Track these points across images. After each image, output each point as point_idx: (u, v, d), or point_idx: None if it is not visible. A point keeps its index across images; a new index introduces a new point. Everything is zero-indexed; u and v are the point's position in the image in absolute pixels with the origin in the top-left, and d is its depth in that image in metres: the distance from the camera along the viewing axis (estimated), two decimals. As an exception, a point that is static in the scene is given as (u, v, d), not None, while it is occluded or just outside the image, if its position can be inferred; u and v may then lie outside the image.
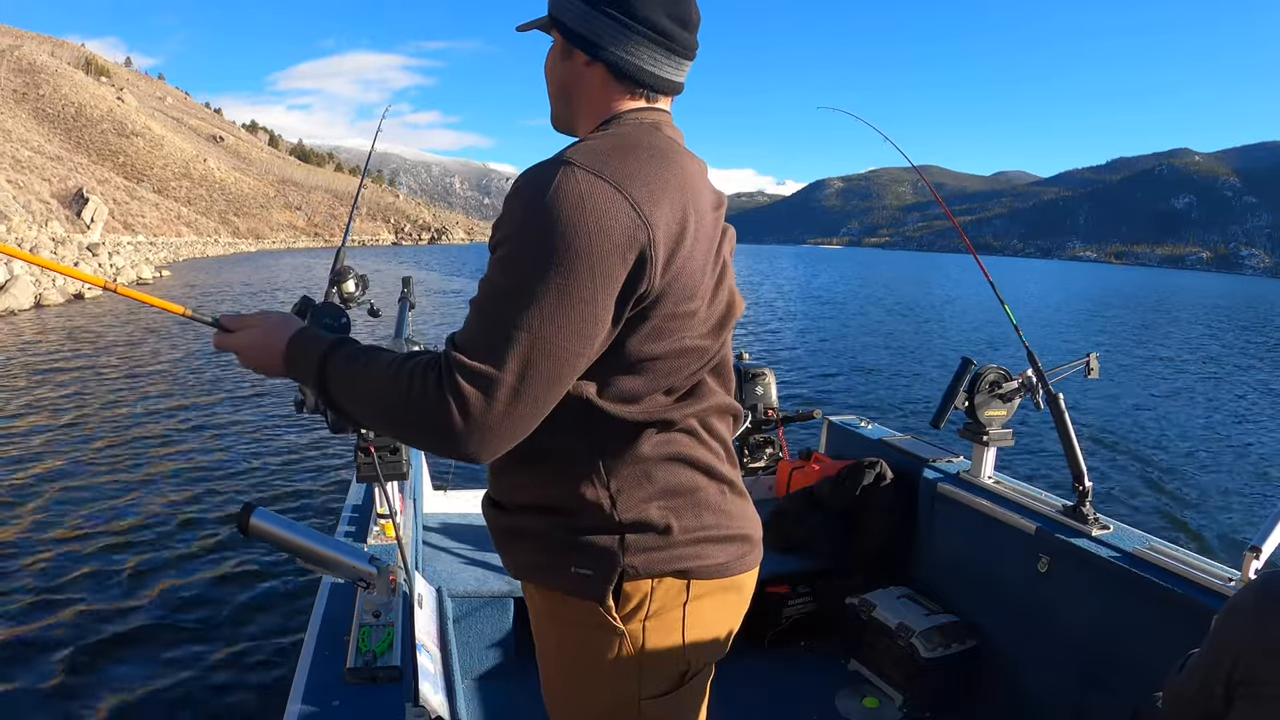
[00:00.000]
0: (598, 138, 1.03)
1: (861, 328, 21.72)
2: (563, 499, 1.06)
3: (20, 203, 39.63)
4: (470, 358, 0.89)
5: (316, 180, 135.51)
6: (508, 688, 2.48)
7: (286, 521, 1.38)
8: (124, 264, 30.22)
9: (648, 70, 1.08)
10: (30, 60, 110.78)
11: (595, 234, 0.89)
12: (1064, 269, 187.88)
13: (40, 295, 18.48)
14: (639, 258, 0.92)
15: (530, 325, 0.88)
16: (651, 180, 0.96)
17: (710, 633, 1.13)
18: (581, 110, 1.12)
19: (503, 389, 0.89)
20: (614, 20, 1.04)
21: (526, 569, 1.14)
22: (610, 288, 0.92)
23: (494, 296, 0.92)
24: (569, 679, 1.15)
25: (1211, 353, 20.66)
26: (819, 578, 2.84)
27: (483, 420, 0.89)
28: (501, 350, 0.89)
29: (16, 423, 7.61)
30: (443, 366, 0.91)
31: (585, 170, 0.92)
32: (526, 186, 0.93)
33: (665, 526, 1.06)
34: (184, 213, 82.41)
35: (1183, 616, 1.93)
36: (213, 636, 3.81)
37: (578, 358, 0.92)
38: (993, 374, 2.60)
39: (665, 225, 0.95)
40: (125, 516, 5.31)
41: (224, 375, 10.49)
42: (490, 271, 0.93)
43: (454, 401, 0.89)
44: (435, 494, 3.16)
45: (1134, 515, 6.46)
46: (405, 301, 2.15)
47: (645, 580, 1.06)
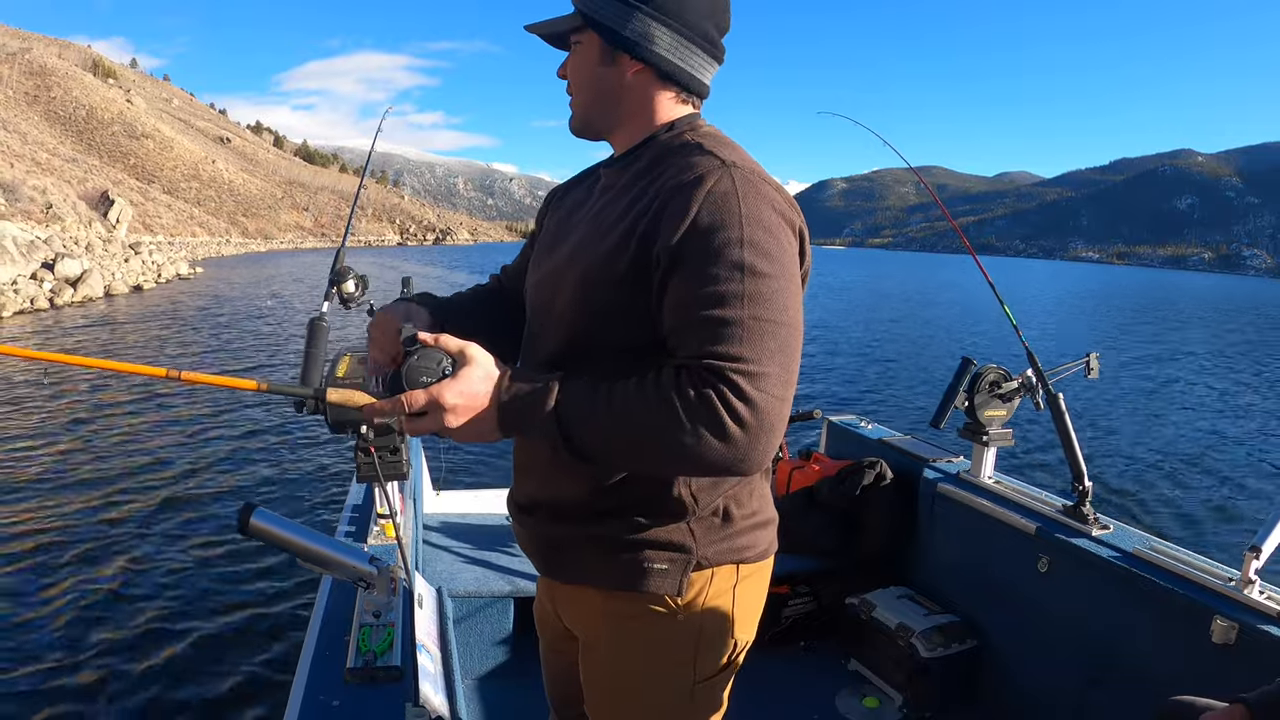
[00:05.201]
0: (715, 138, 1.06)
1: (861, 328, 21.70)
2: (647, 499, 1.06)
3: (70, 205, 40.62)
4: (733, 360, 0.87)
5: (323, 181, 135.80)
6: (508, 688, 2.48)
7: (286, 521, 1.38)
8: (163, 261, 32.48)
9: (697, 77, 1.10)
10: (41, 63, 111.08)
11: (780, 223, 0.96)
12: (1066, 270, 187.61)
13: (109, 286, 22.69)
14: (800, 236, 1.01)
15: (774, 311, 0.91)
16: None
17: (753, 613, 1.18)
18: (626, 116, 1.11)
19: (773, 381, 0.88)
20: (669, 26, 1.05)
21: (593, 573, 1.13)
22: (796, 266, 0.99)
23: (728, 292, 0.90)
24: (626, 674, 1.15)
25: (1212, 353, 20.62)
26: (819, 578, 2.84)
27: (765, 418, 0.87)
28: (759, 343, 0.89)
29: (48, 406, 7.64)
30: (699, 376, 0.88)
31: (748, 168, 0.98)
32: (711, 191, 0.95)
33: (728, 515, 1.10)
34: (196, 213, 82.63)
35: (1183, 616, 1.93)
36: (213, 636, 3.82)
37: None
38: (993, 374, 2.60)
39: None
40: (125, 515, 5.32)
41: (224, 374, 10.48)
42: (701, 275, 0.91)
43: (737, 405, 0.86)
44: (435, 494, 3.17)
45: (1134, 515, 6.45)
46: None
47: (709, 569, 1.10)
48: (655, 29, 1.04)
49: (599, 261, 1.02)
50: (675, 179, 0.98)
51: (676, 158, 1.03)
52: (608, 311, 1.02)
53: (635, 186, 1.05)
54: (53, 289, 19.88)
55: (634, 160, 1.10)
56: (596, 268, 1.02)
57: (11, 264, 19.98)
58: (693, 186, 0.95)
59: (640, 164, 1.08)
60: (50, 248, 23.71)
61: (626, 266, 0.99)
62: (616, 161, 1.14)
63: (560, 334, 1.08)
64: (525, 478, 1.20)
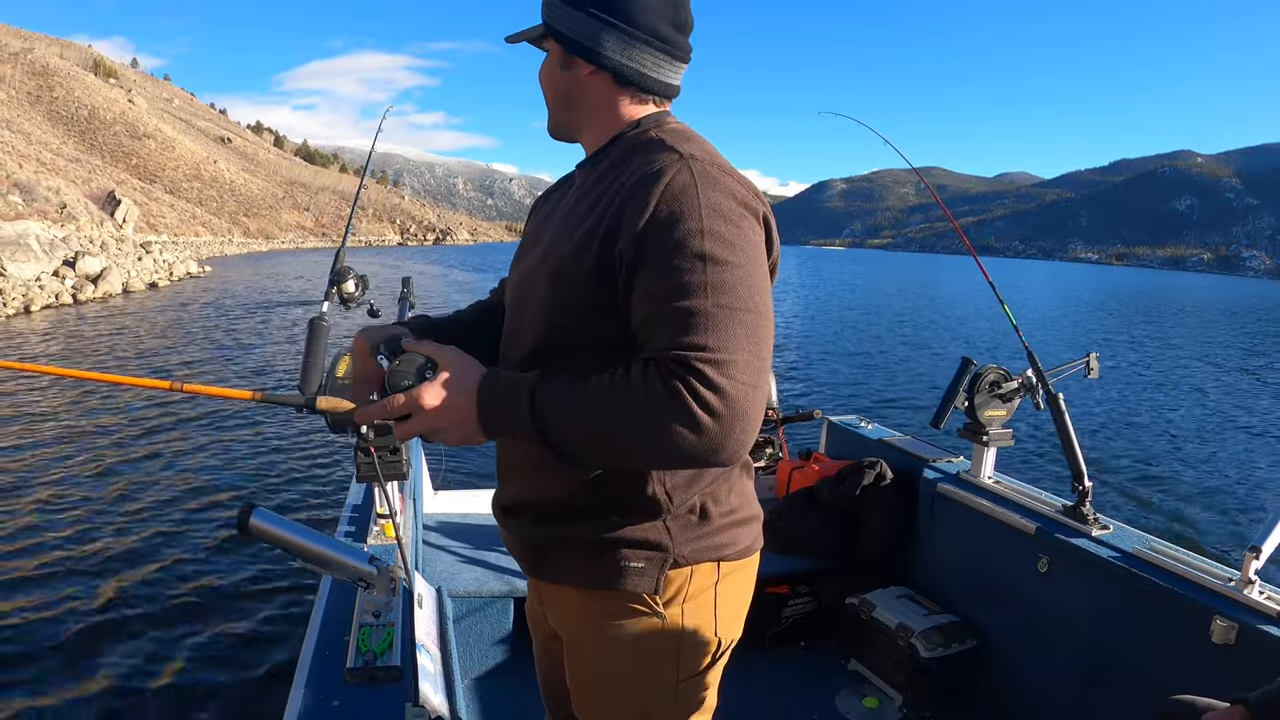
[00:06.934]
0: (678, 133, 1.07)
1: (861, 327, 21.70)
2: (623, 498, 1.07)
3: (83, 205, 41.17)
4: (699, 349, 0.87)
5: (323, 181, 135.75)
6: (508, 687, 2.48)
7: (286, 521, 1.38)
8: (173, 259, 33.41)
9: (652, 76, 1.11)
10: (43, 63, 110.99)
11: (741, 212, 0.97)
12: (1065, 270, 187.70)
13: (127, 283, 23.33)
14: (765, 224, 1.02)
15: (738, 299, 0.91)
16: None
17: (737, 610, 1.18)
18: (586, 118, 1.14)
19: (742, 368, 0.88)
20: (615, 29, 1.06)
21: (574, 572, 1.13)
22: (762, 253, 1.00)
23: (691, 284, 0.90)
24: (609, 675, 1.16)
25: (1212, 353, 20.63)
26: (819, 578, 2.84)
27: (736, 405, 0.86)
28: (725, 331, 0.88)
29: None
30: (667, 368, 0.88)
31: (707, 159, 0.99)
32: (669, 185, 0.95)
33: (705, 513, 1.11)
34: (198, 213, 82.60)
35: (1183, 616, 1.93)
36: (212, 636, 3.82)
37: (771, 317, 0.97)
38: (993, 374, 2.60)
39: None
40: (124, 515, 5.32)
41: (225, 374, 10.50)
42: (664, 268, 0.92)
43: (706, 394, 0.85)
44: (435, 494, 3.17)
45: (1134, 515, 6.45)
46: (405, 301, 2.16)
47: (687, 566, 1.10)
48: (602, 31, 1.06)
49: (567, 259, 1.04)
50: (635, 175, 1.00)
51: (639, 155, 1.05)
52: (577, 309, 1.03)
53: (600, 185, 1.07)
54: (75, 285, 20.49)
55: (602, 159, 1.12)
56: (565, 265, 1.04)
57: (35, 261, 20.69)
58: (651, 181, 0.97)
59: (605, 163, 1.10)
60: (68, 246, 24.35)
61: (592, 264, 1.00)
62: (588, 162, 1.16)
63: (534, 333, 1.10)
64: (508, 480, 1.21)
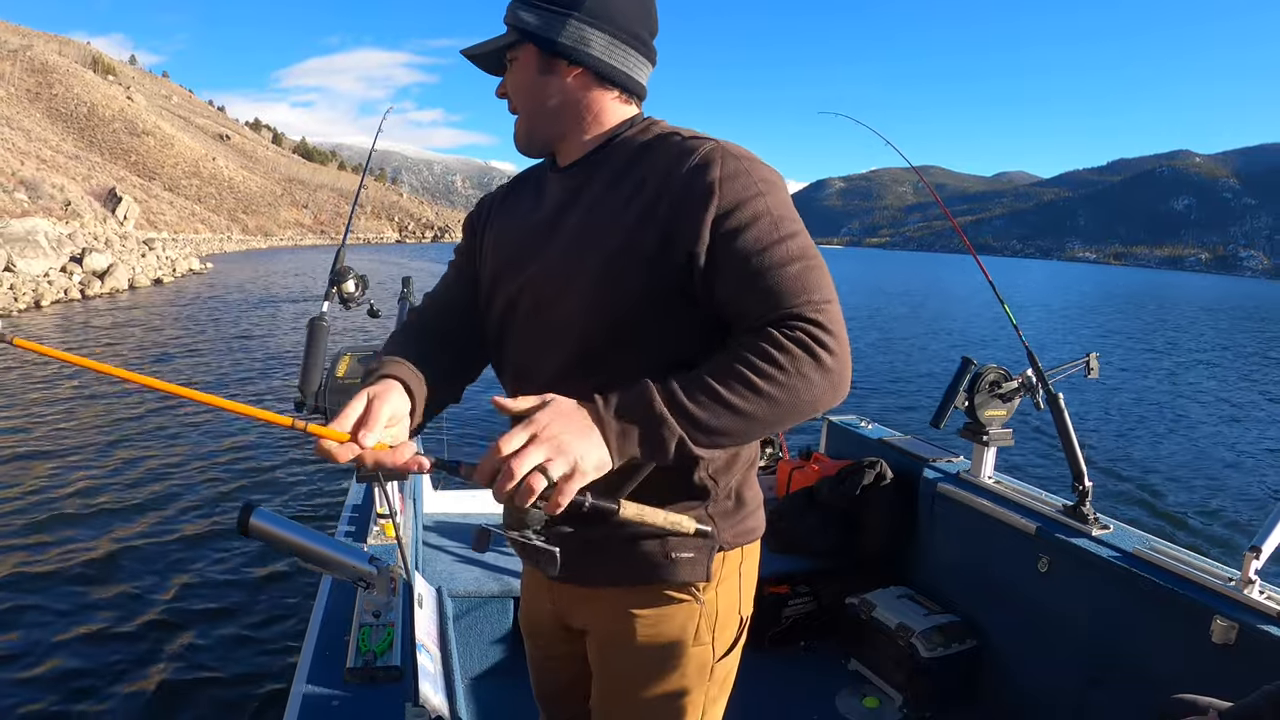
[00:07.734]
0: (682, 129, 1.09)
1: (861, 327, 21.71)
2: (670, 489, 1.07)
3: (87, 202, 41.34)
4: (805, 304, 0.94)
5: (322, 179, 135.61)
6: (507, 687, 2.48)
7: (286, 521, 1.38)
8: (176, 256, 34.14)
9: (634, 76, 1.12)
10: (42, 60, 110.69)
11: (783, 181, 1.05)
12: (1063, 270, 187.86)
13: (133, 279, 23.66)
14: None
15: (813, 255, 0.99)
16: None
17: (752, 588, 1.23)
18: (571, 121, 1.11)
19: (837, 309, 0.97)
20: (601, 29, 1.07)
21: (621, 571, 1.12)
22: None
23: (778, 252, 0.97)
24: (649, 664, 1.16)
25: (1211, 353, 20.66)
26: (819, 578, 2.84)
27: (844, 342, 0.95)
28: (818, 284, 0.97)
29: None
30: (785, 327, 0.93)
31: (731, 145, 1.04)
32: (725, 172, 0.99)
33: (740, 499, 1.16)
34: (198, 210, 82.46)
35: (1183, 616, 1.93)
36: (212, 636, 3.81)
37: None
38: (993, 374, 2.60)
39: None
40: (124, 515, 5.31)
41: (226, 372, 10.49)
42: (747, 248, 0.97)
43: (824, 337, 0.93)
44: (435, 494, 3.17)
45: (1134, 515, 6.46)
46: (405, 301, 2.15)
47: (723, 552, 1.14)
48: (589, 32, 1.07)
49: (619, 251, 1.01)
50: (682, 166, 1.00)
51: (662, 147, 1.05)
52: (638, 303, 1.01)
53: (628, 178, 1.05)
54: (82, 281, 20.70)
55: (604, 158, 1.10)
56: (619, 261, 1.01)
57: (44, 257, 21.09)
58: (705, 171, 0.99)
59: (618, 159, 1.09)
60: (74, 243, 24.65)
61: (655, 255, 1.00)
62: (575, 165, 1.13)
63: (576, 337, 1.05)
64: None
